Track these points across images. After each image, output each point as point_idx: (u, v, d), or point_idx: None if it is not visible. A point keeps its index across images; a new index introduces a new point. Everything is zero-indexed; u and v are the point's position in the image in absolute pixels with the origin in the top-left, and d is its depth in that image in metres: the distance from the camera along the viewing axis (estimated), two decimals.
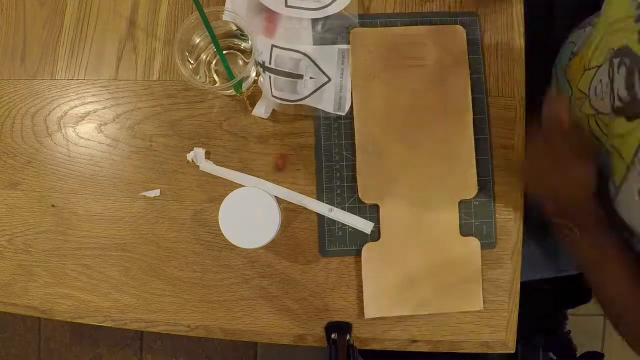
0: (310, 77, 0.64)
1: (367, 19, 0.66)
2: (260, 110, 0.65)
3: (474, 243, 0.63)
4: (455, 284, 0.62)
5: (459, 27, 0.65)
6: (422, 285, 0.63)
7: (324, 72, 0.64)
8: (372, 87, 0.65)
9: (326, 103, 0.64)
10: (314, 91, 0.64)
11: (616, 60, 0.49)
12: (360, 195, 0.64)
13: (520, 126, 0.65)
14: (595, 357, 0.74)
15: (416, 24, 0.66)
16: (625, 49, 0.48)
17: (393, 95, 0.65)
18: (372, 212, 0.64)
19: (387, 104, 0.65)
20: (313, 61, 0.64)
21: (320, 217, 0.64)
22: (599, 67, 0.55)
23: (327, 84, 0.64)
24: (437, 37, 0.65)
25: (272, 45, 0.65)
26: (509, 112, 0.65)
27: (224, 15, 0.61)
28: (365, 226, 0.63)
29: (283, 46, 0.65)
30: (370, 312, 0.62)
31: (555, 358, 0.77)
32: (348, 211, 0.64)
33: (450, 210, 0.63)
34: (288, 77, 0.64)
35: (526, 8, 0.67)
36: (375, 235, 0.64)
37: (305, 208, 0.64)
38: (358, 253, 0.63)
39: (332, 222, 0.64)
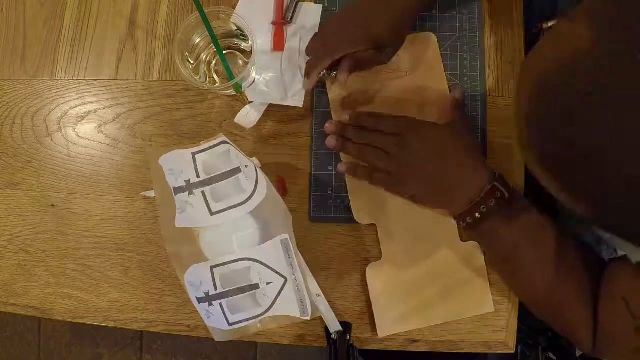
0: (267, 283, 0.56)
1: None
2: (247, 119, 0.63)
3: (475, 247, 0.62)
4: (464, 290, 0.62)
5: (430, 35, 0.65)
6: (431, 297, 0.62)
7: (278, 273, 0.56)
8: (350, 103, 0.64)
9: (291, 307, 0.56)
10: (277, 297, 0.56)
11: None
12: (355, 217, 0.63)
13: None
14: (595, 357, 0.74)
15: None
16: None
17: (367, 98, 0.64)
18: (370, 231, 0.64)
19: (362, 107, 0.64)
20: (263, 264, 0.55)
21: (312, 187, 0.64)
22: None
23: (286, 286, 0.56)
24: (408, 47, 0.64)
25: (212, 267, 0.55)
26: (509, 112, 0.65)
27: (225, 16, 0.61)
28: (334, 325, 0.60)
29: (225, 261, 0.56)
30: (383, 331, 0.62)
31: (555, 358, 0.77)
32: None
33: (447, 217, 0.62)
34: (243, 292, 0.56)
35: (526, 8, 0.67)
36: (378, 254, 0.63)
37: (305, 206, 0.64)
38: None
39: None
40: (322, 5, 0.66)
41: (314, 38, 0.61)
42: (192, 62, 0.63)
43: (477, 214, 0.54)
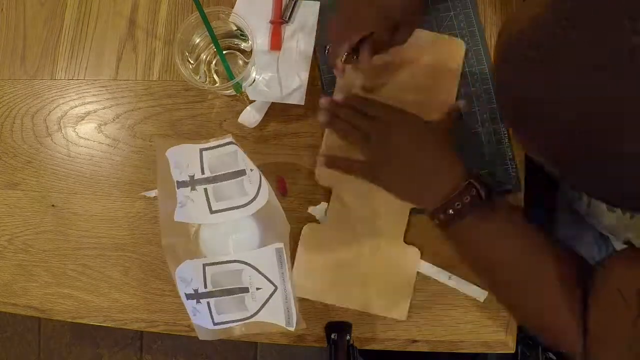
0: (257, 289, 0.55)
1: None
2: (249, 118, 0.63)
3: (414, 253, 0.62)
4: (386, 288, 0.62)
5: (459, 41, 0.64)
6: (354, 279, 0.62)
7: (269, 280, 0.56)
8: (354, 76, 0.64)
9: (277, 316, 0.56)
10: (265, 303, 0.56)
11: None
12: (316, 176, 0.63)
13: None
14: None
15: None
16: None
17: (374, 86, 0.64)
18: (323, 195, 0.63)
19: (365, 94, 0.64)
20: (256, 269, 0.55)
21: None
22: None
23: (275, 293, 0.56)
24: (436, 45, 0.64)
25: (204, 265, 0.55)
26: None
27: (225, 16, 0.61)
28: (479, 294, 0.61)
29: (218, 260, 0.56)
30: (297, 291, 0.60)
31: (555, 358, 0.77)
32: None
33: (401, 214, 0.62)
34: (232, 294, 0.55)
35: None
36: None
37: (305, 205, 0.64)
38: None
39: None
40: (319, 2, 0.66)
41: (330, 24, 0.60)
42: (192, 62, 0.63)
43: (450, 211, 0.53)
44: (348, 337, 0.61)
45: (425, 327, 0.63)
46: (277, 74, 0.64)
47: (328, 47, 0.59)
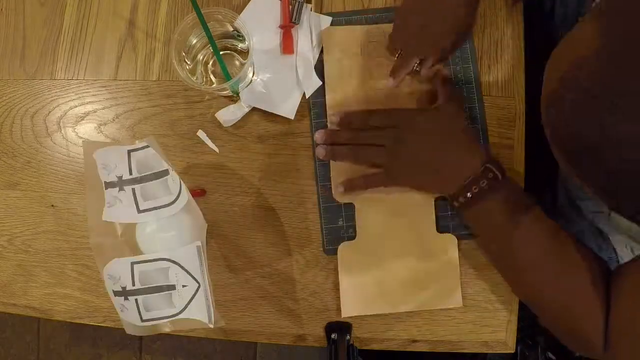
0: (183, 286, 0.55)
1: (341, 17, 0.66)
2: (227, 116, 0.64)
3: (451, 240, 0.62)
4: (434, 281, 0.62)
5: None
6: (401, 283, 0.62)
7: (193, 277, 0.55)
8: (347, 86, 0.65)
9: (201, 312, 0.55)
10: (190, 300, 0.55)
11: None
12: (333, 194, 0.64)
13: (520, 126, 0.65)
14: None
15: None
16: None
17: (368, 93, 0.65)
18: (347, 210, 0.64)
19: (362, 103, 0.64)
20: (181, 266, 0.55)
21: (322, 215, 0.64)
22: None
23: (199, 291, 0.55)
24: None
25: (132, 263, 0.55)
26: (509, 112, 0.65)
27: (222, 17, 0.61)
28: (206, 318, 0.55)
29: (145, 259, 0.55)
30: (347, 311, 0.62)
31: (554, 358, 0.77)
32: (324, 212, 0.64)
33: (426, 207, 0.63)
34: (160, 291, 0.55)
35: (526, 8, 0.67)
36: (352, 234, 0.64)
37: (304, 206, 0.64)
38: None
39: (335, 220, 0.64)
40: (331, 18, 0.66)
41: (396, 33, 0.61)
42: (188, 62, 0.63)
43: (469, 194, 0.55)
44: (348, 337, 0.61)
45: (425, 327, 0.63)
46: (278, 77, 0.65)
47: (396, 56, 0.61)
